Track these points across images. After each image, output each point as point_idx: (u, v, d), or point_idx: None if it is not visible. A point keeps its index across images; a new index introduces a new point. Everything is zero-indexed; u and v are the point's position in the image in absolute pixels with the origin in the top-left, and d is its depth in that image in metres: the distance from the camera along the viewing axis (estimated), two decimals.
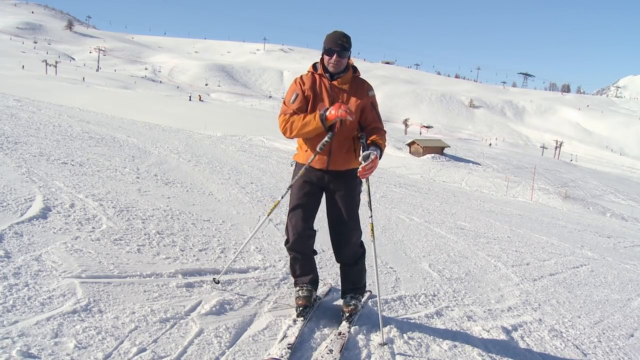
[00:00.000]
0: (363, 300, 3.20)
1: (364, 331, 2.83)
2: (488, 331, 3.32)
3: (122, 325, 2.33)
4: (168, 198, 5.07)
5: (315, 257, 3.06)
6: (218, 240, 4.00)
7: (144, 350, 2.16)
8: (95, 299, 2.50)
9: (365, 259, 3.01)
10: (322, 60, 2.81)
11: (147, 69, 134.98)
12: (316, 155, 2.76)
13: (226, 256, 3.64)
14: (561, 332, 3.71)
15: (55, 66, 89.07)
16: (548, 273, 5.56)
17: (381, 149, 2.76)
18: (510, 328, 3.51)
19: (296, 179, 2.89)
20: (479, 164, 49.04)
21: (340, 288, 3.12)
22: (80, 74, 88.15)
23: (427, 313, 3.40)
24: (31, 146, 6.06)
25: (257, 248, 4.03)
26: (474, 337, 3.17)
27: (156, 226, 3.96)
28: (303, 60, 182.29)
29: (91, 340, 2.15)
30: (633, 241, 10.74)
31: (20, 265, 2.70)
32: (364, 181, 2.83)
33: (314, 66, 2.88)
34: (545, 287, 4.91)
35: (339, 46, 2.71)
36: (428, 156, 49.70)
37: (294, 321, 2.76)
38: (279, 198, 2.97)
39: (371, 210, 2.84)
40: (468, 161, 50.61)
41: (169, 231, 3.92)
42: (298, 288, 2.94)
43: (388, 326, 2.91)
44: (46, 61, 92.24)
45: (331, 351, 2.51)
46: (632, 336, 4.06)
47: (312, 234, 2.92)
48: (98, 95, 54.41)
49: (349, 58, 2.81)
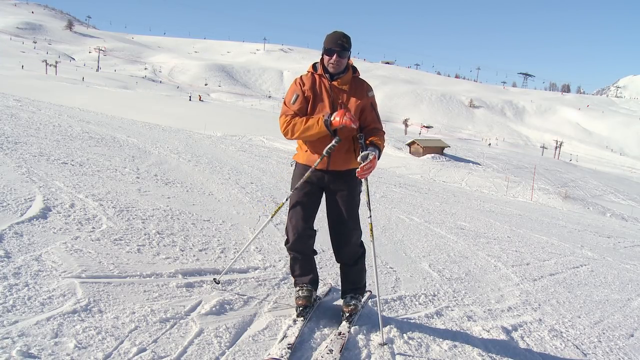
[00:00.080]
0: (363, 300, 3.20)
1: (364, 331, 2.83)
2: (488, 331, 3.32)
3: (122, 325, 2.33)
4: (168, 198, 5.07)
5: (315, 257, 3.06)
6: (218, 240, 4.00)
7: (144, 350, 2.16)
8: (95, 299, 2.50)
9: (365, 259, 3.01)
10: (322, 60, 2.82)
11: (147, 69, 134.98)
12: (322, 158, 2.77)
13: (226, 256, 3.64)
14: (561, 332, 3.71)
15: (55, 66, 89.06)
16: (548, 273, 5.56)
17: (380, 150, 2.77)
18: (510, 328, 3.51)
19: (296, 179, 2.89)
20: (479, 164, 49.02)
21: (340, 288, 3.12)
22: (80, 74, 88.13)
23: (427, 313, 3.40)
24: (31, 146, 6.06)
25: (257, 248, 4.03)
26: (474, 337, 3.17)
27: (156, 226, 3.96)
28: (303, 60, 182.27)
29: (91, 340, 2.15)
30: (633, 241, 10.74)
31: (20, 265, 2.70)
32: (363, 181, 2.84)
33: (314, 66, 2.88)
34: (545, 287, 4.91)
35: (339, 46, 2.72)
36: (428, 156, 49.66)
37: (294, 321, 2.76)
38: (284, 200, 2.97)
39: (370, 210, 2.84)
40: (468, 161, 50.59)
41: (169, 231, 3.92)
42: (298, 288, 2.94)
43: (388, 326, 2.91)
44: (46, 61, 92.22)
45: (331, 351, 2.51)
46: (632, 336, 4.06)
47: (312, 234, 2.92)
48: (98, 95, 54.40)
49: (349, 58, 2.81)
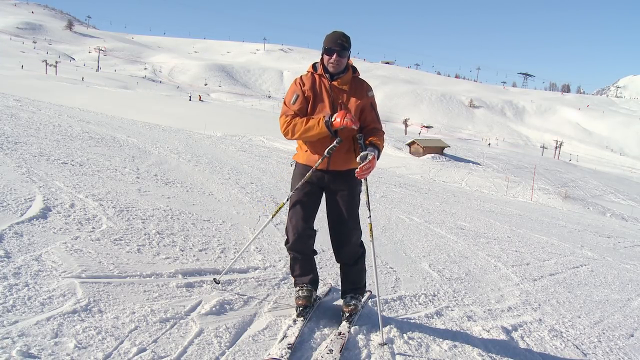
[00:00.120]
0: (363, 300, 3.20)
1: (364, 331, 2.83)
2: (488, 331, 3.32)
3: (122, 325, 2.33)
4: (168, 198, 5.07)
5: (315, 257, 3.06)
6: (218, 240, 4.00)
7: (144, 350, 2.16)
8: (95, 299, 2.50)
9: (365, 259, 3.01)
10: (322, 60, 2.82)
11: (147, 69, 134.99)
12: (323, 159, 2.77)
13: (226, 256, 3.64)
14: (561, 332, 3.71)
15: (55, 66, 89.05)
16: (548, 273, 5.56)
17: (379, 150, 2.77)
18: (510, 328, 3.51)
19: (295, 179, 2.90)
20: (479, 164, 49.00)
21: (340, 288, 3.12)
22: (80, 74, 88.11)
23: (427, 313, 3.40)
24: (31, 146, 6.06)
25: (257, 248, 4.03)
26: (474, 337, 3.17)
27: (156, 226, 3.96)
28: (303, 60, 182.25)
29: (91, 340, 2.15)
30: (633, 241, 10.73)
31: (20, 265, 2.70)
32: (363, 181, 2.84)
33: (314, 66, 2.88)
34: (545, 287, 4.91)
35: (339, 45, 2.72)
36: (428, 156, 49.63)
37: (294, 321, 2.76)
38: (284, 200, 2.97)
39: (370, 210, 2.84)
40: (468, 161, 50.57)
41: (169, 231, 3.92)
42: (298, 288, 2.94)
43: (388, 326, 2.91)
44: (46, 61, 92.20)
45: (331, 351, 2.51)
46: (632, 336, 4.06)
47: (312, 234, 2.92)
48: (98, 95, 54.38)
49: (349, 58, 2.81)
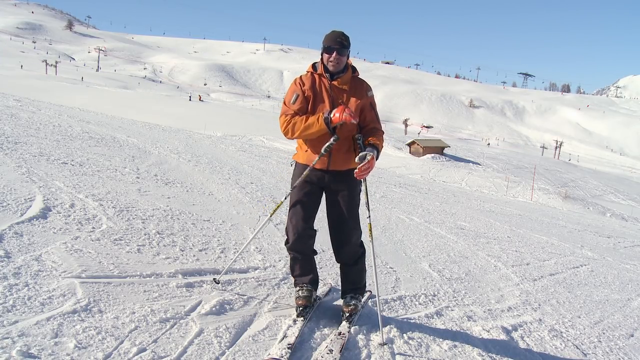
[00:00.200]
0: (363, 300, 3.20)
1: (364, 331, 2.83)
2: (488, 331, 3.32)
3: (122, 325, 2.33)
4: (168, 198, 5.07)
5: (315, 257, 3.06)
6: (218, 240, 4.00)
7: (144, 350, 2.16)
8: (95, 299, 2.50)
9: (365, 259, 3.01)
10: (322, 59, 2.82)
11: (146, 69, 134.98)
12: (320, 157, 2.77)
13: (226, 256, 3.64)
14: (561, 332, 3.71)
15: (55, 66, 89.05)
16: (548, 273, 5.56)
17: (378, 150, 2.77)
18: (510, 328, 3.51)
19: (295, 178, 2.89)
20: (479, 164, 48.99)
21: (340, 288, 3.12)
22: (80, 74, 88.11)
23: (427, 313, 3.40)
24: (31, 146, 6.06)
25: (257, 248, 4.03)
26: (474, 337, 3.17)
27: (156, 226, 3.96)
28: (303, 60, 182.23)
29: (91, 340, 2.15)
30: (633, 241, 10.73)
31: (20, 265, 2.70)
32: (362, 181, 2.84)
33: (314, 66, 2.88)
34: (545, 287, 4.91)
35: (339, 44, 2.72)
36: (428, 156, 49.62)
37: (294, 321, 2.76)
38: (282, 199, 2.97)
39: (369, 210, 2.84)
40: (468, 161, 50.56)
41: (169, 231, 3.92)
42: (298, 288, 2.94)
43: (388, 326, 2.91)
44: (46, 61, 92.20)
45: (331, 351, 2.51)
46: (632, 336, 4.06)
47: (313, 234, 2.92)
48: (98, 95, 54.37)
49: (348, 57, 2.81)
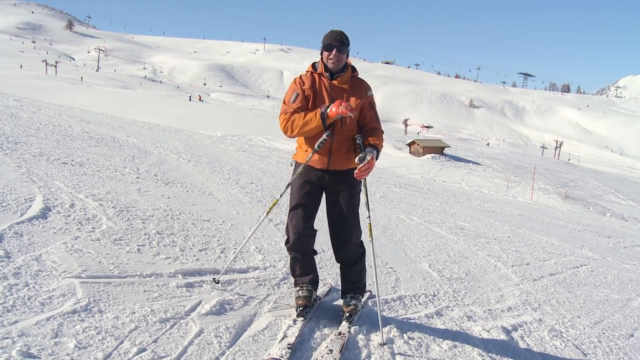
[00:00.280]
0: (363, 300, 3.20)
1: (364, 331, 2.83)
2: (488, 331, 3.32)
3: (122, 325, 2.33)
4: (168, 198, 5.07)
5: (315, 257, 3.06)
6: (218, 240, 4.00)
7: (144, 350, 2.16)
8: (95, 299, 2.50)
9: (365, 259, 3.01)
10: (322, 59, 2.82)
11: (146, 69, 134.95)
12: (314, 153, 2.76)
13: (226, 256, 3.64)
14: (561, 332, 3.71)
15: (55, 66, 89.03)
16: (548, 273, 5.56)
17: (378, 150, 2.77)
18: (510, 328, 3.51)
19: (295, 179, 2.89)
20: (479, 164, 48.98)
21: (340, 288, 3.12)
22: (80, 74, 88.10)
23: (427, 313, 3.40)
24: (31, 146, 6.06)
25: (257, 248, 4.03)
26: (474, 337, 3.17)
27: (156, 226, 3.96)
28: (303, 60, 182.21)
29: (91, 340, 2.15)
30: (633, 241, 10.73)
31: (20, 265, 2.70)
32: (362, 181, 2.84)
33: (313, 66, 2.88)
34: (545, 287, 4.91)
35: (338, 41, 2.73)
36: (428, 156, 49.61)
37: (294, 321, 2.76)
38: (278, 197, 2.97)
39: (369, 210, 2.84)
40: (468, 161, 50.55)
41: (169, 231, 3.92)
42: (298, 288, 2.94)
43: (388, 326, 2.91)
44: (46, 61, 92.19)
45: (331, 351, 2.51)
46: (632, 336, 4.06)
47: (313, 234, 2.92)
48: (98, 95, 54.37)
49: (347, 57, 2.81)
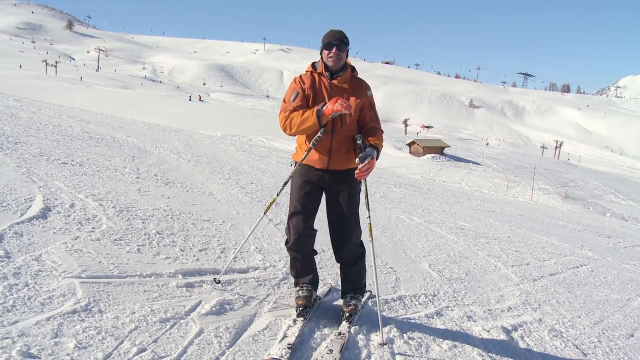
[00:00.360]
0: (363, 300, 3.20)
1: (364, 331, 2.83)
2: (488, 331, 3.32)
3: (122, 325, 2.33)
4: (168, 198, 5.07)
5: (315, 257, 3.06)
6: (218, 240, 4.00)
7: (144, 350, 2.16)
8: (95, 299, 2.50)
9: (365, 259, 3.01)
10: (321, 58, 2.82)
11: (145, 69, 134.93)
12: (310, 150, 2.78)
13: (226, 256, 3.64)
14: (561, 332, 3.71)
15: (55, 66, 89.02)
16: (548, 273, 5.56)
17: (378, 150, 2.77)
18: (510, 328, 3.51)
19: (295, 179, 2.89)
20: (479, 164, 48.97)
21: (340, 288, 3.12)
22: (80, 74, 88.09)
23: (427, 313, 3.40)
24: (31, 146, 6.06)
25: (257, 248, 4.03)
26: (474, 337, 3.17)
27: (156, 226, 3.96)
28: (303, 60, 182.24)
29: (91, 340, 2.15)
30: (633, 241, 10.73)
31: (20, 265, 2.70)
32: (362, 181, 2.84)
33: (313, 65, 2.89)
34: (545, 287, 4.91)
35: (338, 40, 2.74)
36: (428, 156, 49.61)
37: (294, 321, 2.76)
38: (275, 195, 2.97)
39: (369, 210, 2.84)
40: (468, 161, 50.55)
41: (169, 231, 3.92)
42: (298, 288, 2.94)
43: (388, 326, 2.91)
44: (46, 61, 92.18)
45: (331, 351, 2.51)
46: (632, 336, 4.06)
47: (313, 234, 2.92)
48: (98, 95, 54.37)
49: (347, 56, 2.82)
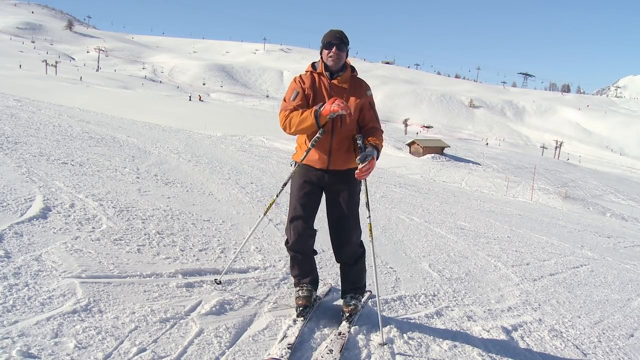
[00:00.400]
0: (363, 300, 3.20)
1: (364, 331, 2.83)
2: (488, 331, 3.32)
3: (122, 325, 2.33)
4: (168, 198, 5.07)
5: (315, 257, 3.06)
6: (218, 240, 4.00)
7: (144, 350, 2.16)
8: (95, 299, 2.50)
9: (365, 259, 3.01)
10: (321, 58, 2.82)
11: (145, 69, 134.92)
12: (309, 150, 2.78)
13: (226, 256, 3.64)
14: (561, 332, 3.71)
15: (55, 66, 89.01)
16: (548, 273, 5.56)
17: (378, 150, 2.77)
18: (510, 328, 3.51)
19: (295, 179, 2.89)
20: (479, 164, 48.97)
21: (340, 288, 3.12)
22: (80, 74, 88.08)
23: (427, 313, 3.40)
24: (31, 146, 6.06)
25: (257, 248, 4.03)
26: (474, 337, 3.17)
27: (156, 226, 3.96)
28: (303, 60, 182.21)
29: (91, 340, 2.15)
30: (633, 241, 10.73)
31: (20, 265, 2.70)
32: (362, 181, 2.84)
33: (313, 65, 2.89)
34: (545, 287, 4.91)
35: (338, 39, 2.74)
36: (428, 156, 49.59)
37: (294, 321, 2.76)
38: (274, 196, 2.97)
39: (369, 210, 2.84)
40: (468, 161, 50.54)
41: (169, 231, 3.92)
42: (298, 288, 2.94)
43: (388, 326, 2.91)
44: (46, 61, 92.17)
45: (331, 351, 2.51)
46: (632, 336, 4.06)
47: (313, 234, 2.92)
48: (98, 95, 54.36)
49: (347, 56, 2.82)
